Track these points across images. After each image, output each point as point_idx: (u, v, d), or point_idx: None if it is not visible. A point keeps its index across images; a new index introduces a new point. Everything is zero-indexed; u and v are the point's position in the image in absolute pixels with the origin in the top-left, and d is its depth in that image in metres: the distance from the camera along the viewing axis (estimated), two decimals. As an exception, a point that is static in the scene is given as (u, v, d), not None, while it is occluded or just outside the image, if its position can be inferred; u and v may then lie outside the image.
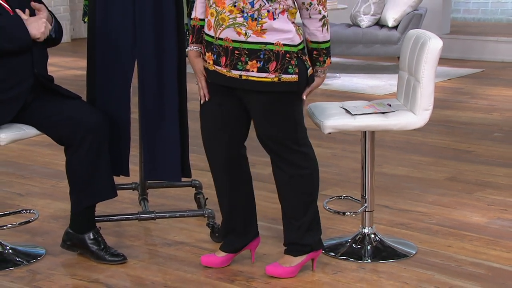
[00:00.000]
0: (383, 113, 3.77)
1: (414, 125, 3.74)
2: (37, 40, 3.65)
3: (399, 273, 3.69)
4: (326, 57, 3.54)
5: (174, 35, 3.86)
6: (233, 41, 3.38)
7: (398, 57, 5.41)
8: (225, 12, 3.35)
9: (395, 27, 8.80)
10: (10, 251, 3.88)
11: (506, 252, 3.93)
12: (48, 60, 3.87)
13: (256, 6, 3.34)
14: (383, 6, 8.93)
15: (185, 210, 4.23)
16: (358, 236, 3.95)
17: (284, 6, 3.38)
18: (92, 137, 3.68)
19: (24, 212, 4.14)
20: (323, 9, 3.45)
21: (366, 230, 3.94)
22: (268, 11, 3.35)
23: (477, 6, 12.58)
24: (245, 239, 3.77)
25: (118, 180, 4.03)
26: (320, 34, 3.49)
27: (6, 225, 3.93)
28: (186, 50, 3.61)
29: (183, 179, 4.08)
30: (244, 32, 3.37)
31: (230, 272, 3.71)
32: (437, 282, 3.59)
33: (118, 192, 3.94)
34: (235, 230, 3.74)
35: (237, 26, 3.36)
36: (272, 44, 3.38)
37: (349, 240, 3.96)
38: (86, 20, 4.02)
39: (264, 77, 3.41)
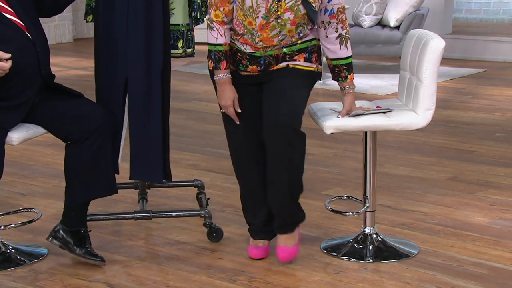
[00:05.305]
0: (384, 112, 3.77)
1: (417, 125, 3.73)
2: None
3: (401, 273, 3.70)
4: (347, 73, 3.69)
5: (161, 34, 3.86)
6: (283, 47, 3.63)
7: (400, 57, 5.40)
8: (275, 47, 3.60)
9: (397, 27, 8.79)
10: (13, 250, 3.89)
11: (508, 252, 3.93)
12: (51, 60, 3.87)
13: (301, 34, 3.61)
14: (385, 6, 8.92)
15: (181, 210, 4.23)
16: (360, 236, 3.95)
17: None
18: (96, 134, 3.68)
19: (26, 212, 4.15)
20: (342, 27, 3.66)
21: (368, 230, 3.94)
22: (310, 29, 3.65)
23: (479, 6, 12.58)
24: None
25: (120, 179, 4.04)
26: (339, 51, 3.67)
27: (9, 225, 3.94)
28: (217, 78, 3.64)
29: (186, 179, 4.08)
30: (293, 43, 3.65)
31: (232, 272, 3.71)
32: (439, 282, 3.60)
33: (120, 191, 3.94)
34: (270, 216, 3.79)
35: (287, 47, 3.63)
36: (315, 39, 3.69)
37: (351, 240, 3.96)
38: (88, 19, 4.04)
39: (308, 67, 3.67)
